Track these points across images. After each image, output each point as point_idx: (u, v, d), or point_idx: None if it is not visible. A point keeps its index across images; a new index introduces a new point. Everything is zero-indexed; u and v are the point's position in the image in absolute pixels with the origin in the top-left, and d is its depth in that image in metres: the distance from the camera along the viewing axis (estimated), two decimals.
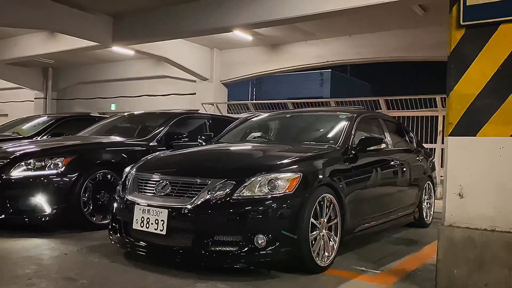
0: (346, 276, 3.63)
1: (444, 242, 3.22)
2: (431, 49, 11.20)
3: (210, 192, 3.42)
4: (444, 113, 10.15)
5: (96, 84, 18.42)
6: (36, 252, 4.08)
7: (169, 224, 3.41)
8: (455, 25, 3.25)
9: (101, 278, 3.37)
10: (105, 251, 4.13)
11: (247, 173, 3.49)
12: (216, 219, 3.36)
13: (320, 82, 30.31)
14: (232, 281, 3.32)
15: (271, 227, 3.35)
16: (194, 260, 3.41)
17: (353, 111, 5.11)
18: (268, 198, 3.37)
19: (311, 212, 3.52)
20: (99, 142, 5.58)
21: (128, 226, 3.73)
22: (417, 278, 3.65)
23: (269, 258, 3.35)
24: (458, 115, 3.20)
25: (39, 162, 4.87)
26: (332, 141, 4.45)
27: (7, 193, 4.78)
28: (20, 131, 8.07)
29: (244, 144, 4.80)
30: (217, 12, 10.00)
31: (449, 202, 3.23)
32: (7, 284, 3.18)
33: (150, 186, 3.73)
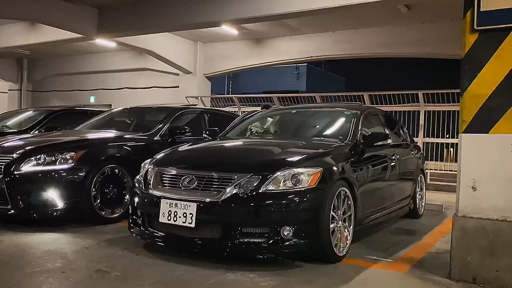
0: (362, 264, 3.84)
1: (458, 231, 3.47)
2: (413, 46, 11.58)
3: (237, 186, 3.56)
4: (426, 109, 10.56)
5: (74, 76, 18.12)
6: (56, 246, 4.13)
7: (198, 217, 3.54)
8: (469, 29, 3.48)
9: (133, 270, 3.47)
10: (125, 244, 4.22)
11: (271, 168, 3.64)
12: (244, 212, 3.51)
13: (296, 75, 30.64)
14: (259, 271, 3.48)
15: (296, 219, 3.52)
16: (222, 251, 3.56)
17: (356, 107, 5.32)
18: (292, 192, 3.54)
19: (331, 204, 3.71)
20: (108, 137, 5.61)
21: (153, 219, 3.83)
22: (427, 266, 3.89)
23: (294, 248, 3.52)
24: (472, 113, 3.44)
25: (49, 157, 4.88)
26: (341, 136, 4.64)
27: (18, 188, 4.77)
28: (11, 126, 7.96)
29: (258, 139, 4.95)
30: (206, 7, 10.04)
31: (462, 194, 3.47)
32: (44, 277, 3.25)
33: (174, 181, 3.83)
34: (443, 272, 3.62)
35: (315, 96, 12.06)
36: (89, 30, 11.51)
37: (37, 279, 3.22)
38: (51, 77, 18.63)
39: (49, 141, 5.24)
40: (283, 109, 6.07)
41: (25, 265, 3.53)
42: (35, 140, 5.38)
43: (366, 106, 5.51)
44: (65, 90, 18.54)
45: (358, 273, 3.59)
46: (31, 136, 5.75)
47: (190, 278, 3.32)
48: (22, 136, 5.79)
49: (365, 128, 4.89)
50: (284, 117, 5.53)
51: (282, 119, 5.49)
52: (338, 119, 5.09)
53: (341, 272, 3.59)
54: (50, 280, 3.20)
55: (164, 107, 6.77)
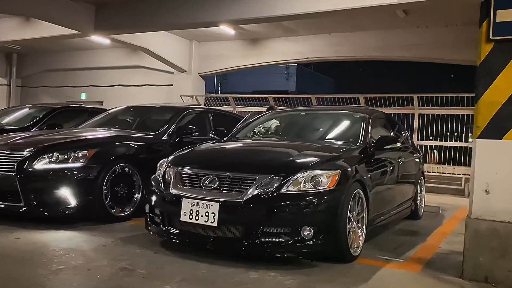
0: (375, 264, 3.97)
1: (471, 233, 3.61)
2: (408, 50, 11.79)
3: (259, 187, 3.65)
4: (420, 112, 10.78)
5: (64, 72, 17.93)
6: (74, 244, 4.16)
7: (220, 216, 3.62)
8: (484, 39, 3.62)
9: (156, 268, 3.53)
10: (141, 242, 4.28)
11: (292, 169, 3.74)
12: (266, 212, 3.60)
13: (286, 75, 30.82)
14: (279, 270, 3.57)
15: (316, 220, 3.62)
16: (244, 250, 3.65)
17: (362, 110, 5.45)
18: (312, 193, 3.65)
19: (348, 206, 3.82)
20: (118, 136, 5.63)
21: (173, 218, 3.89)
22: (438, 266, 4.03)
23: (313, 248, 3.63)
24: (486, 120, 3.58)
25: (62, 155, 4.90)
26: (352, 139, 4.77)
27: (31, 186, 4.79)
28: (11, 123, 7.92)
29: (272, 141, 5.03)
30: (205, 7, 10.06)
31: (476, 197, 3.62)
32: (71, 274, 3.30)
33: (195, 180, 3.90)
34: (455, 272, 3.76)
35: (311, 98, 12.18)
36: (86, 27, 11.44)
37: (65, 276, 3.27)
38: (41, 72, 18.42)
39: (60, 139, 5.25)
40: (291, 110, 6.17)
41: (48, 262, 3.56)
42: (46, 137, 5.38)
43: (372, 109, 5.63)
44: (56, 86, 18.35)
45: (373, 272, 3.71)
46: (41, 134, 5.73)
47: (214, 276, 3.40)
48: (32, 133, 5.78)
49: (373, 131, 5.02)
50: (294, 119, 5.63)
51: (292, 121, 5.59)
52: (348, 122, 5.22)
53: (358, 272, 3.70)
54: (77, 277, 3.25)
55: (169, 107, 6.81)
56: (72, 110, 8.22)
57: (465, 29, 11.04)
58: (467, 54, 11.23)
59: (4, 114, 8.32)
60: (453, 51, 11.35)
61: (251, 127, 5.66)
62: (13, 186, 4.80)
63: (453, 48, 11.28)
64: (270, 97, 12.85)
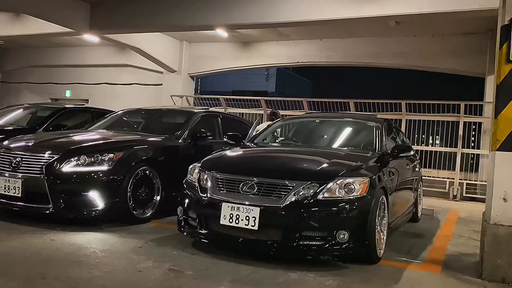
0: (398, 265, 4.26)
1: (489, 237, 3.94)
2: (396, 57, 12.23)
3: (297, 193, 3.88)
4: (407, 117, 11.21)
5: (48, 68, 17.67)
6: (109, 245, 4.30)
7: (260, 220, 3.83)
8: (504, 60, 3.95)
9: (202, 269, 3.72)
10: (173, 243, 4.46)
11: (327, 177, 3.99)
12: (304, 217, 3.84)
13: (266, 76, 31.02)
14: (316, 271, 3.82)
15: (350, 224, 3.89)
16: (283, 253, 3.88)
17: (375, 119, 5.76)
18: (346, 199, 3.91)
19: (377, 211, 4.11)
20: (140, 139, 5.74)
21: (212, 221, 4.08)
22: (455, 267, 4.35)
23: (347, 251, 3.89)
24: (505, 134, 3.92)
25: (90, 157, 5.01)
26: (370, 147, 5.06)
27: (60, 188, 4.88)
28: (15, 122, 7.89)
29: (297, 147, 5.25)
30: (201, 10, 10.20)
31: (494, 204, 3.95)
32: (126, 275, 3.45)
33: (233, 186, 4.09)
34: (473, 273, 4.09)
35: (303, 101, 12.47)
36: (80, 25, 11.40)
37: (122, 277, 3.42)
38: (23, 68, 18.10)
39: (86, 142, 5.35)
40: (305, 117, 6.42)
41: (97, 264, 3.70)
42: (72, 140, 5.49)
43: (382, 118, 5.93)
44: (38, 82, 18.03)
45: (400, 273, 4.00)
46: (64, 136, 5.77)
47: (260, 277, 3.61)
48: (55, 135, 5.82)
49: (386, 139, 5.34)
50: (310, 126, 5.88)
51: (309, 128, 5.84)
52: (363, 130, 5.51)
53: (386, 273, 3.99)
54: (134, 278, 3.41)
55: (180, 110, 6.97)
56: (75, 110, 8.24)
57: (451, 39, 11.58)
58: (453, 63, 11.79)
59: (7, 113, 8.27)
60: (439, 60, 11.85)
61: (269, 132, 5.88)
62: (41, 188, 4.89)
63: (439, 57, 11.78)
64: (262, 99, 13.07)
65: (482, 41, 11.05)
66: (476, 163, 10.95)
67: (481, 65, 11.09)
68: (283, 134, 5.86)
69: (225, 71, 15.04)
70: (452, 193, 10.66)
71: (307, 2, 9.09)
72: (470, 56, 11.37)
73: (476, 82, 11.78)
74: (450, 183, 10.84)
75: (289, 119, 6.36)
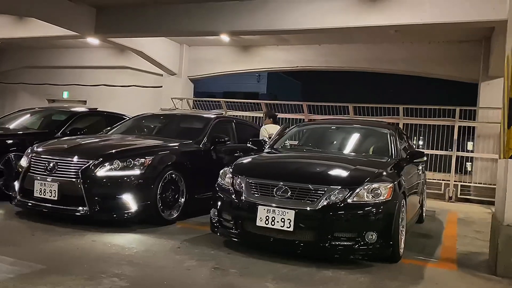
0: (417, 263, 4.62)
1: (503, 237, 4.31)
2: (394, 63, 12.65)
3: (328, 197, 4.20)
4: (404, 121, 11.63)
5: (45, 69, 17.72)
6: (149, 246, 4.57)
7: (296, 222, 4.15)
8: None
9: (243, 268, 4.02)
10: (207, 243, 4.75)
11: (355, 182, 4.33)
12: (336, 219, 4.17)
13: (257, 78, 31.33)
14: (347, 269, 4.15)
15: (377, 226, 4.22)
16: (316, 252, 4.21)
17: (388, 126, 6.12)
18: (374, 203, 4.24)
19: (400, 213, 4.45)
20: (167, 145, 5.99)
21: (248, 223, 4.38)
22: (469, 265, 4.71)
23: (374, 251, 4.22)
24: None
25: (123, 162, 5.26)
26: (386, 152, 5.42)
27: (95, 191, 5.12)
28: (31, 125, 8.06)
29: (320, 153, 5.56)
30: (206, 17, 10.44)
31: (508, 207, 4.32)
32: (176, 274, 3.73)
33: (267, 190, 4.39)
34: (487, 270, 4.46)
35: (303, 105, 12.81)
36: (86, 29, 11.55)
37: (175, 275, 3.69)
38: (20, 69, 18.12)
39: (118, 147, 5.59)
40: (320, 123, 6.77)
41: (148, 263, 3.97)
42: (104, 145, 5.73)
43: (394, 126, 6.29)
44: (35, 83, 18.03)
45: (421, 271, 4.36)
46: (94, 140, 6.00)
47: (298, 274, 3.92)
48: (86, 139, 6.04)
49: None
50: (327, 133, 6.21)
51: (326, 135, 6.17)
52: (377, 137, 5.86)
53: (410, 270, 4.34)
54: (185, 276, 3.69)
55: (198, 116, 7.23)
56: (90, 114, 8.44)
57: (446, 46, 12.04)
58: (448, 70, 12.26)
59: (19, 117, 8.42)
60: (435, 66, 12.31)
61: (285, 138, 6.20)
62: (77, 191, 5.13)
63: (435, 63, 12.24)
64: (262, 102, 13.38)
65: (476, 49, 11.54)
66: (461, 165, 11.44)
67: (475, 71, 11.58)
68: (300, 140, 6.17)
69: (225, 75, 15.28)
70: (448, 195, 11.10)
71: (313, 11, 9.40)
72: (464, 63, 11.84)
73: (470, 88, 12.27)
74: (445, 185, 11.28)
75: (304, 125, 6.71)
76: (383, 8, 8.80)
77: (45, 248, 4.25)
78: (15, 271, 3.52)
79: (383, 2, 8.78)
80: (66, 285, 3.24)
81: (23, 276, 3.40)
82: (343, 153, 5.56)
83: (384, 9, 8.81)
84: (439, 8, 8.46)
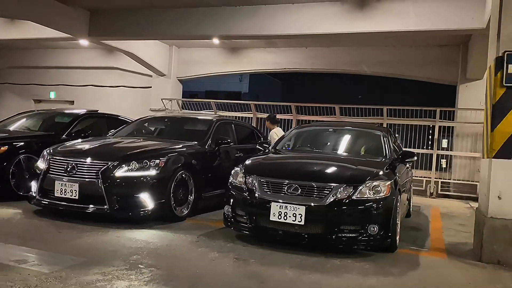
0: (412, 253, 5.15)
1: (487, 228, 4.87)
2: (377, 66, 13.26)
3: (335, 194, 4.69)
4: (388, 122, 12.24)
5: (31, 69, 17.76)
6: (169, 240, 4.97)
7: (306, 217, 4.62)
8: (499, 84, 4.88)
9: (261, 258, 4.47)
10: (222, 237, 5.21)
11: (358, 180, 4.82)
12: (342, 214, 4.67)
13: (240, 77, 31.72)
14: (352, 258, 4.65)
15: (378, 220, 4.73)
16: (324, 243, 4.70)
17: (380, 128, 6.66)
18: (375, 199, 4.75)
19: (397, 208, 4.98)
20: (177, 146, 6.37)
21: (261, 218, 4.84)
22: (457, 253, 5.26)
23: (375, 241, 4.73)
24: (499, 144, 4.86)
25: (139, 163, 5.64)
26: (380, 153, 5.94)
27: (115, 191, 5.49)
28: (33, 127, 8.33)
29: (323, 154, 6.06)
30: (202, 22, 10.82)
31: (491, 202, 4.88)
32: (204, 263, 4.15)
33: (278, 188, 4.86)
34: (473, 257, 5.02)
35: (291, 106, 13.30)
36: (80, 31, 11.78)
37: (204, 265, 4.12)
38: (5, 69, 18.09)
39: (133, 149, 5.96)
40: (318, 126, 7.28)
41: (177, 256, 4.39)
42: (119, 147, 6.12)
43: (385, 128, 6.83)
44: (21, 83, 18.07)
45: (416, 259, 4.89)
46: (109, 143, 6.35)
47: (311, 263, 4.40)
48: (99, 143, 6.36)
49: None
50: (325, 135, 6.72)
51: (324, 136, 6.68)
52: (371, 138, 6.39)
53: (407, 258, 4.86)
54: (212, 265, 4.12)
55: (201, 119, 7.63)
56: (92, 116, 8.73)
57: (427, 50, 12.72)
58: (429, 72, 12.95)
59: (24, 118, 8.67)
60: (416, 69, 12.99)
61: (286, 140, 6.67)
62: (97, 191, 5.50)
63: (416, 66, 12.91)
64: (252, 103, 13.82)
65: (455, 53, 12.25)
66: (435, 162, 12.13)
67: (454, 74, 12.30)
68: (300, 142, 6.64)
69: (214, 75, 15.66)
70: (429, 191, 11.77)
71: (303, 18, 9.91)
72: (444, 66, 12.55)
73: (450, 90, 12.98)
74: (426, 182, 11.94)
75: (303, 127, 7.18)
76: (371, 15, 9.37)
77: (77, 244, 4.61)
78: (60, 263, 3.88)
79: (370, 10, 9.34)
80: (113, 275, 3.64)
81: (70, 267, 3.77)
82: (343, 154, 6.07)
83: (371, 17, 9.37)
84: (422, 17, 9.07)
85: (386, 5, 9.23)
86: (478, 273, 4.48)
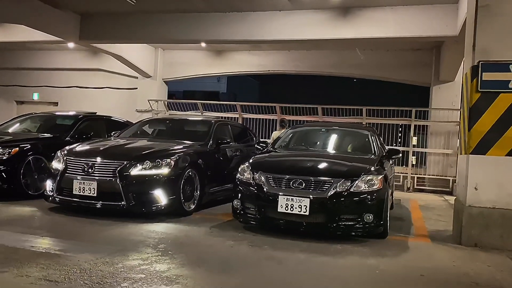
0: (401, 239, 5.82)
1: (466, 215, 5.58)
2: (356, 68, 14.05)
3: (335, 187, 5.31)
4: (367, 121, 12.99)
5: (14, 71, 17.80)
6: (185, 232, 5.49)
7: (311, 208, 5.22)
8: (474, 90, 5.59)
9: (272, 244, 5.04)
10: (232, 228, 5.78)
11: (355, 175, 5.46)
12: (342, 205, 5.29)
13: (218, 77, 32.14)
14: (351, 243, 5.28)
15: (373, 209, 5.37)
16: (326, 231, 5.31)
17: (367, 128, 7.33)
18: (370, 191, 5.39)
19: (388, 200, 5.64)
20: (184, 147, 6.87)
21: (269, 210, 5.41)
22: (439, 238, 5.96)
23: (370, 229, 5.37)
24: (475, 142, 5.57)
25: (152, 162, 6.12)
26: (369, 150, 6.62)
27: (131, 188, 5.97)
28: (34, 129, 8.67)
29: (319, 152, 6.69)
30: (188, 26, 11.37)
31: (469, 192, 5.59)
32: (226, 250, 4.70)
33: (284, 183, 5.45)
34: (453, 241, 5.72)
35: (276, 106, 13.91)
36: (71, 35, 12.11)
37: (226, 251, 4.66)
38: None
39: (146, 149, 6.44)
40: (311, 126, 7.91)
41: (198, 244, 4.92)
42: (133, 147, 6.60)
43: (371, 127, 7.52)
44: (3, 84, 18.09)
45: (405, 244, 5.56)
46: (122, 144, 6.80)
47: (316, 248, 5.00)
48: (112, 144, 6.81)
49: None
50: (319, 134, 7.36)
51: (318, 136, 7.32)
52: (362, 137, 7.06)
53: (396, 243, 5.52)
54: (232, 251, 4.67)
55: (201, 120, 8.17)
56: (92, 118, 9.11)
57: (402, 54, 13.56)
58: (404, 74, 13.80)
59: (25, 121, 8.99)
60: (392, 71, 13.82)
61: (283, 139, 7.26)
62: (114, 189, 5.96)
63: (392, 68, 13.74)
64: (237, 104, 14.36)
65: (428, 56, 13.13)
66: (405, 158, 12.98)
67: (427, 76, 13.17)
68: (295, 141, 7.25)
69: (199, 77, 16.13)
70: (406, 185, 12.59)
71: (290, 24, 10.55)
72: (418, 69, 13.42)
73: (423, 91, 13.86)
74: (403, 177, 12.75)
75: (297, 127, 7.81)
76: (353, 23, 10.07)
77: (106, 235, 5.09)
78: (100, 251, 4.34)
79: (353, 18, 10.04)
80: (151, 259, 4.15)
81: (111, 254, 4.25)
82: (337, 152, 6.72)
83: (354, 24, 10.08)
84: (401, 25, 9.84)
85: (368, 13, 9.95)
86: (460, 254, 5.18)
